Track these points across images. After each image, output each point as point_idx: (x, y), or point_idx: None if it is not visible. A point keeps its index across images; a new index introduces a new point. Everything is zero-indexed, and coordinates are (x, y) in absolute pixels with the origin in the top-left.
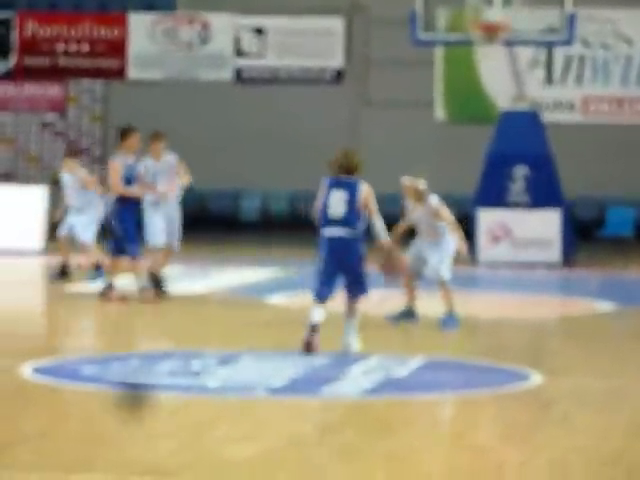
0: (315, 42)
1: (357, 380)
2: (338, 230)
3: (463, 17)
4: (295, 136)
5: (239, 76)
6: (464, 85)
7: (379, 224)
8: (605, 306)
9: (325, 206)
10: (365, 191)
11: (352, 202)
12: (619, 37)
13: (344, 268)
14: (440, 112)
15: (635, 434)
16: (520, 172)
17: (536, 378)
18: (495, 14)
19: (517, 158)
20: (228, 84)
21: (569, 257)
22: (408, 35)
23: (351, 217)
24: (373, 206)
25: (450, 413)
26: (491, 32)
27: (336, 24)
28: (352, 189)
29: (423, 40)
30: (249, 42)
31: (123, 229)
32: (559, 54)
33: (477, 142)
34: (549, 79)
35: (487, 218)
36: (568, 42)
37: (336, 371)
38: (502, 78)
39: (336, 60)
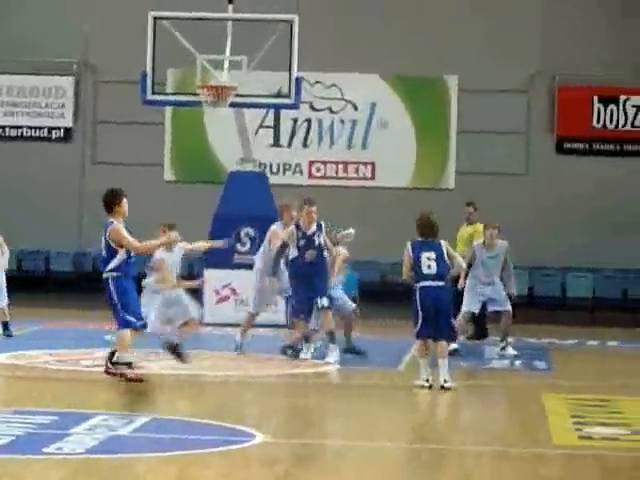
0: (44, 101)
1: (81, 438)
2: (432, 282)
3: (192, 78)
4: (23, 195)
5: None
6: (193, 146)
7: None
8: (332, 366)
9: (418, 266)
10: (446, 245)
11: (440, 258)
12: (345, 101)
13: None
14: (169, 172)
15: None
16: (246, 233)
17: (259, 437)
18: (223, 76)
19: (243, 219)
20: None
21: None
22: (137, 95)
23: (441, 271)
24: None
25: (175, 472)
26: (219, 94)
27: (65, 83)
28: (437, 248)
29: (152, 100)
30: None
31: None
32: (286, 117)
33: (205, 202)
34: (276, 142)
35: (213, 278)
36: (295, 106)
37: (60, 429)
38: (230, 140)
39: (65, 119)
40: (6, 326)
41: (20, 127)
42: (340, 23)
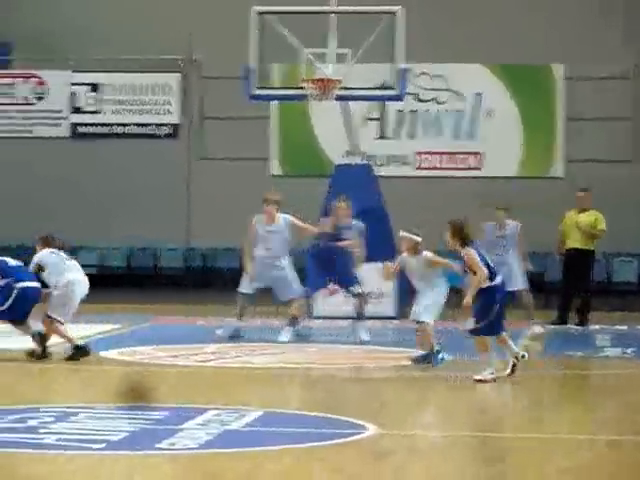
0: (150, 98)
1: (194, 433)
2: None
3: (297, 72)
4: (131, 191)
5: (75, 132)
6: (299, 139)
7: None
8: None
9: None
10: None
11: None
12: (450, 92)
13: None
14: (275, 166)
15: None
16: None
17: (371, 429)
18: (328, 70)
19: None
20: (64, 140)
21: (403, 310)
22: (243, 90)
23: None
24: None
25: (287, 465)
26: (324, 87)
27: (171, 80)
28: None
29: (258, 95)
30: (85, 98)
31: None
32: (392, 109)
33: (312, 196)
34: (382, 133)
35: None
36: (400, 98)
37: (173, 424)
38: (336, 133)
39: (172, 115)
40: None
41: (127, 124)
42: (445, 13)
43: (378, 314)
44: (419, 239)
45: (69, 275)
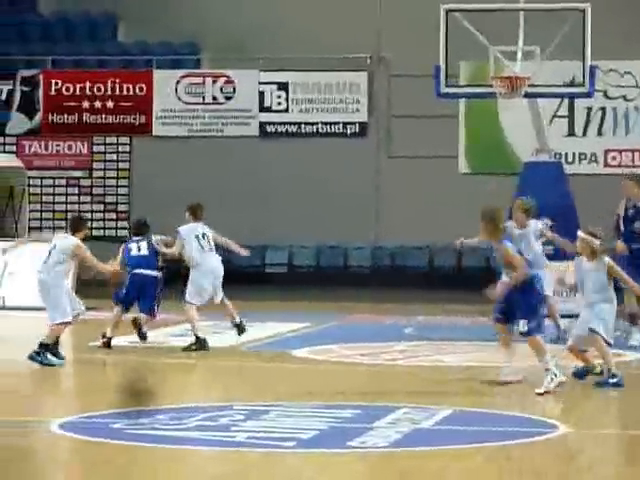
0: (338, 96)
1: (384, 432)
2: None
3: (485, 70)
4: (320, 190)
5: (263, 131)
6: (487, 137)
7: None
8: (634, 355)
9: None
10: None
11: None
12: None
13: None
14: (463, 164)
15: None
16: (544, 223)
17: (562, 428)
18: (517, 67)
19: (540, 209)
20: (253, 139)
21: None
22: (431, 88)
23: None
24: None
25: (477, 464)
26: (513, 85)
27: (359, 78)
28: None
29: (446, 93)
30: (273, 97)
31: None
32: (580, 106)
33: (500, 194)
34: (571, 131)
35: None
36: (589, 94)
37: (363, 423)
38: (524, 130)
39: (360, 114)
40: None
41: (315, 123)
42: (634, 9)
43: (569, 311)
44: (597, 242)
45: (203, 258)
